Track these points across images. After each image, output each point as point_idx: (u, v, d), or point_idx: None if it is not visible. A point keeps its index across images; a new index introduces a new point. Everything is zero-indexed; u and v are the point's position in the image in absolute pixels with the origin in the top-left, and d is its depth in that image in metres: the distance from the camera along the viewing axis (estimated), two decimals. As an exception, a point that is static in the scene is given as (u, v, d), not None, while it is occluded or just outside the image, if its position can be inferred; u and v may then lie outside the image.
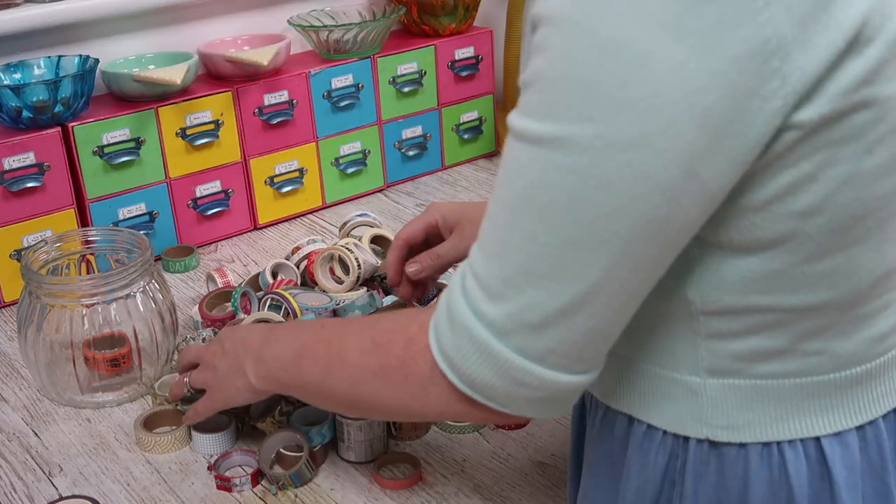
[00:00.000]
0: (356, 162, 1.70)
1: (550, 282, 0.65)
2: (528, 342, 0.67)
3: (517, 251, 0.65)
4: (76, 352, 1.14)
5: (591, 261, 0.63)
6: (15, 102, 1.35)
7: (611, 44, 0.58)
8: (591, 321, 0.66)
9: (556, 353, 0.67)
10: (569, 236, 0.63)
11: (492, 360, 0.68)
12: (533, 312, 0.66)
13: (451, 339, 0.70)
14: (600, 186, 0.61)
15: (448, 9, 1.73)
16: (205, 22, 1.64)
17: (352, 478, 1.02)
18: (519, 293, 0.66)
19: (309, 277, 1.30)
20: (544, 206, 0.63)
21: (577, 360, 0.68)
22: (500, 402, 0.70)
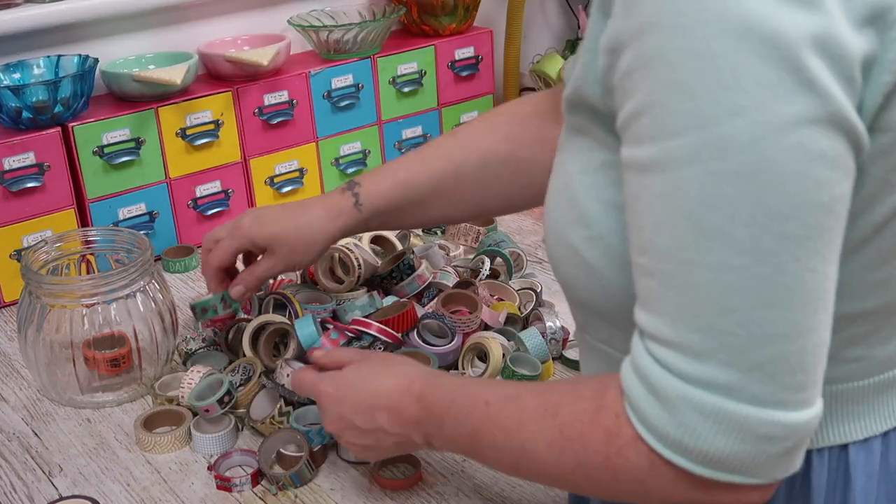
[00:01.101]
0: (356, 162, 1.70)
1: (761, 309, 0.57)
2: (761, 387, 0.59)
3: (706, 292, 0.58)
4: (76, 352, 1.14)
5: (798, 266, 0.57)
6: (15, 103, 1.35)
7: (738, 27, 0.54)
8: (816, 334, 0.59)
9: (793, 388, 0.59)
10: (763, 248, 0.56)
11: (730, 425, 0.59)
12: (756, 351, 0.58)
13: (670, 420, 0.61)
14: (775, 180, 0.55)
15: (448, 9, 1.73)
16: (205, 22, 1.64)
17: (352, 478, 1.02)
18: (730, 336, 0.58)
19: (309, 277, 1.30)
20: (720, 227, 0.56)
21: (813, 386, 0.60)
22: (747, 470, 0.61)
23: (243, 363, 1.13)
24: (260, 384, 1.09)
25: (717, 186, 0.56)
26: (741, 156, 0.55)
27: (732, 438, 0.60)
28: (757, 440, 0.60)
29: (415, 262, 1.26)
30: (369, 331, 1.13)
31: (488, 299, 1.26)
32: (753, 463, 0.61)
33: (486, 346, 1.13)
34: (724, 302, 0.58)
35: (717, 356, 0.58)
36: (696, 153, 0.56)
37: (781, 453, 0.61)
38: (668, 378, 0.60)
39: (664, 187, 0.58)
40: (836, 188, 0.57)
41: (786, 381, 0.59)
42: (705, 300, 0.58)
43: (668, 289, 0.60)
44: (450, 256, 1.39)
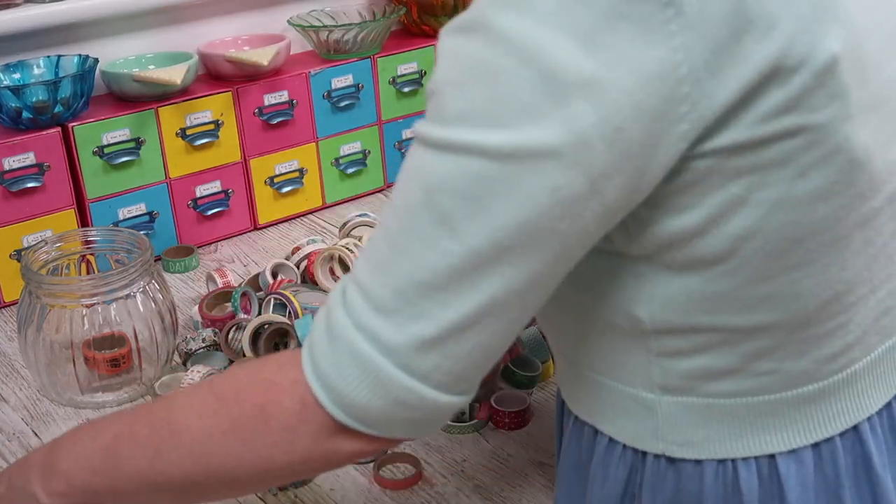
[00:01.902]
0: (356, 162, 1.70)
1: (447, 293, 0.62)
2: (415, 359, 0.63)
3: (412, 259, 0.62)
4: (76, 352, 1.14)
5: (491, 271, 0.61)
6: (15, 103, 1.35)
7: (526, 53, 0.58)
8: (484, 337, 0.63)
9: (441, 370, 0.64)
10: (471, 245, 0.61)
11: (374, 379, 0.64)
12: (425, 327, 0.62)
13: (329, 356, 0.65)
14: (507, 195, 0.60)
15: (448, 9, 1.73)
16: (205, 22, 1.64)
17: (352, 478, 1.02)
18: (411, 305, 0.62)
19: (309, 277, 1.30)
20: (447, 212, 0.61)
21: (459, 379, 0.65)
22: (374, 424, 0.66)
23: (243, 363, 1.13)
24: (260, 384, 1.09)
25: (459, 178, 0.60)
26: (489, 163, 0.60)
27: (372, 392, 0.64)
28: (393, 402, 0.64)
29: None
30: None
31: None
32: (382, 420, 0.65)
33: None
34: (421, 275, 0.62)
35: (395, 319, 0.63)
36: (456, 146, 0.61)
37: (410, 420, 0.66)
38: (342, 319, 0.64)
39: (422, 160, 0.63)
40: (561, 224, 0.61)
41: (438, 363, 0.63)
42: (407, 265, 0.62)
43: (384, 241, 0.64)
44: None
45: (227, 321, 1.21)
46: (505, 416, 1.08)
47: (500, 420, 1.08)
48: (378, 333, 0.63)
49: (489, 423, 1.09)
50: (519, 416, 1.08)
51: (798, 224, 0.64)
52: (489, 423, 1.09)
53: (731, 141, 0.60)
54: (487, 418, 1.09)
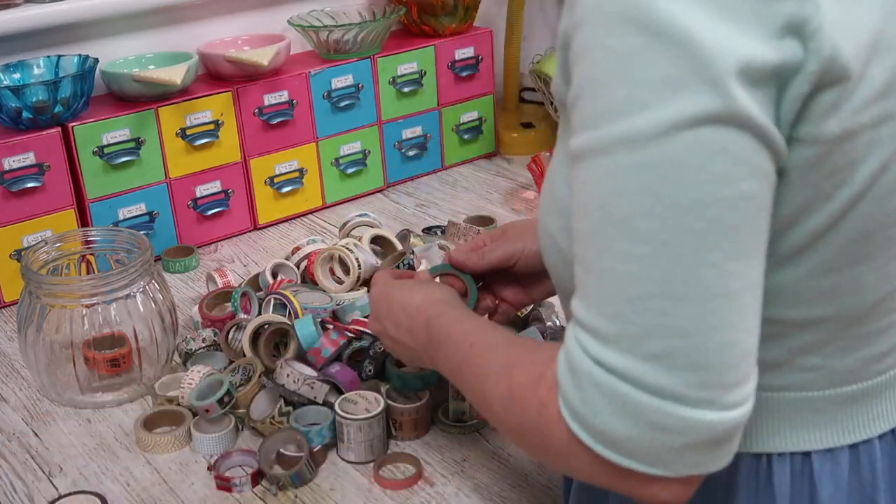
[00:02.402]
0: (356, 162, 1.70)
1: (660, 300, 0.59)
2: (658, 377, 0.59)
3: (613, 279, 0.60)
4: (76, 352, 1.14)
5: (696, 260, 0.58)
6: (15, 103, 1.35)
7: (652, 27, 0.57)
8: (720, 334, 0.59)
9: (692, 384, 0.59)
10: (662, 241, 0.58)
11: (622, 407, 0.60)
12: (653, 342, 0.59)
13: (577, 395, 0.62)
14: (677, 173, 0.57)
15: (448, 9, 1.73)
16: (205, 22, 1.64)
17: (352, 478, 1.02)
18: (630, 325, 0.59)
19: (309, 277, 1.30)
20: (626, 217, 0.58)
21: (719, 387, 0.60)
22: (644, 458, 0.61)
23: (243, 363, 1.13)
24: (260, 384, 1.09)
25: (624, 178, 0.58)
26: (644, 149, 0.57)
27: (626, 421, 0.61)
28: (649, 427, 0.60)
29: (415, 262, 1.26)
30: (369, 331, 1.13)
31: (488, 299, 1.26)
32: (650, 451, 0.61)
33: None
34: (627, 290, 0.59)
35: (620, 342, 0.60)
36: (609, 145, 0.59)
37: (680, 447, 0.61)
38: (581, 357, 0.62)
39: (584, 176, 0.61)
40: (743, 185, 0.58)
41: (683, 376, 0.59)
42: (612, 287, 0.60)
43: (587, 274, 0.62)
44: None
45: (227, 321, 1.21)
46: (505, 416, 1.08)
47: (500, 420, 1.08)
48: (612, 361, 0.60)
49: (489, 423, 1.09)
50: (519, 416, 1.08)
51: (871, 218, 0.63)
52: (489, 423, 1.09)
53: (838, 128, 0.59)
54: (487, 418, 1.09)
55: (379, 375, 1.11)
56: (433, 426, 1.09)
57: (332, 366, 1.10)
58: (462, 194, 1.73)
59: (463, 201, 1.70)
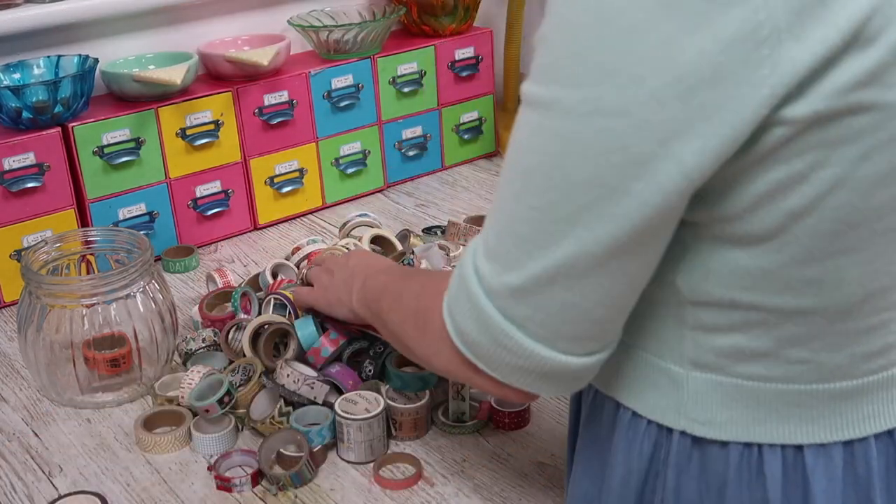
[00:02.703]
0: (356, 162, 1.70)
1: (531, 246, 0.66)
2: (509, 304, 0.68)
3: (508, 211, 0.67)
4: (76, 352, 1.14)
5: (568, 229, 0.64)
6: (15, 103, 1.35)
7: (606, 11, 0.59)
8: (568, 294, 0.66)
9: (534, 321, 0.68)
10: (549, 201, 0.64)
11: (477, 315, 0.70)
12: (516, 274, 0.67)
13: (454, 291, 0.72)
14: (579, 152, 0.62)
15: (448, 9, 1.73)
16: (205, 22, 1.64)
17: (352, 478, 1.02)
18: (506, 253, 0.67)
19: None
20: (530, 169, 0.65)
21: (557, 335, 0.68)
22: (487, 363, 0.71)
23: (243, 363, 1.13)
24: (260, 384, 1.09)
25: (539, 135, 0.64)
26: (564, 121, 0.62)
27: (477, 328, 0.70)
28: (495, 342, 0.70)
29: (415, 262, 1.26)
30: (369, 331, 1.13)
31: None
32: (492, 360, 0.71)
33: None
34: (514, 227, 0.66)
35: (495, 263, 0.68)
36: (539, 104, 0.63)
37: (520, 369, 0.70)
38: (467, 260, 0.71)
39: (519, 118, 0.66)
40: (635, 184, 0.62)
41: (530, 313, 0.67)
42: (505, 216, 0.67)
43: (496, 194, 0.69)
44: (450, 256, 1.39)
45: (227, 321, 1.21)
46: (505, 416, 1.08)
47: (500, 420, 1.08)
48: (484, 274, 0.69)
49: (489, 423, 1.09)
50: (519, 416, 1.08)
51: (853, 208, 0.63)
52: (489, 423, 1.09)
53: (809, 110, 0.59)
54: (487, 418, 1.09)
55: (379, 375, 1.11)
56: (433, 426, 1.09)
57: (332, 366, 1.10)
58: (462, 194, 1.73)
59: (463, 201, 1.70)
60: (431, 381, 1.09)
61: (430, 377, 1.08)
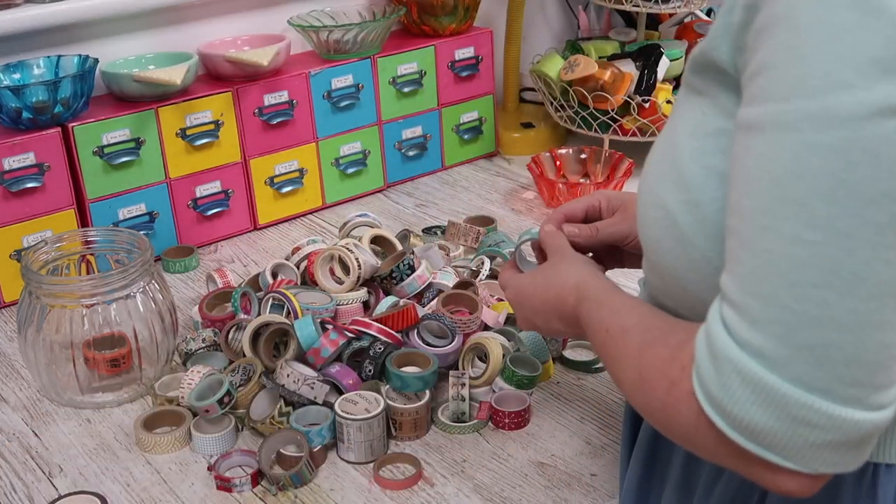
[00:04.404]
0: (356, 162, 1.70)
1: (824, 289, 0.56)
2: (808, 370, 0.57)
3: (776, 260, 0.57)
4: (76, 352, 1.14)
5: (871, 254, 0.55)
6: (15, 103, 1.35)
7: (871, 3, 0.54)
8: (881, 333, 0.57)
9: (843, 380, 0.57)
10: (839, 229, 0.55)
11: (765, 397, 0.59)
12: (809, 332, 0.57)
13: (715, 378, 0.61)
14: (868, 161, 0.54)
15: (448, 9, 1.73)
16: (205, 22, 1.64)
17: (352, 478, 1.02)
18: (786, 311, 0.57)
19: (309, 278, 1.30)
20: (804, 198, 0.56)
21: (870, 387, 0.58)
22: (781, 450, 0.60)
23: (243, 363, 1.13)
24: (260, 384, 1.09)
25: (807, 157, 0.55)
26: (838, 131, 0.55)
27: (768, 412, 0.59)
28: (793, 421, 0.58)
29: (415, 262, 1.26)
30: (369, 331, 1.13)
31: (488, 300, 1.26)
32: (789, 445, 0.59)
33: (486, 346, 1.13)
34: (790, 275, 0.57)
35: (772, 327, 0.58)
36: (797, 121, 0.56)
37: (822, 444, 0.59)
38: (724, 337, 0.60)
39: (760, 149, 0.58)
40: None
41: (836, 371, 0.57)
42: (772, 269, 0.58)
43: (744, 251, 0.59)
44: (450, 257, 1.39)
45: (227, 321, 1.21)
46: (505, 416, 1.08)
47: (500, 420, 1.08)
48: (760, 347, 0.58)
49: (489, 423, 1.09)
50: (519, 416, 1.08)
51: None
52: (489, 423, 1.09)
53: None
54: (487, 418, 1.09)
55: (379, 375, 1.11)
56: (433, 426, 1.09)
57: (332, 366, 1.11)
58: (462, 194, 1.73)
59: (463, 201, 1.70)
60: (431, 382, 1.09)
61: (430, 377, 1.08)
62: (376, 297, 1.25)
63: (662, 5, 1.76)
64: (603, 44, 1.87)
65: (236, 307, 1.23)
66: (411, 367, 1.11)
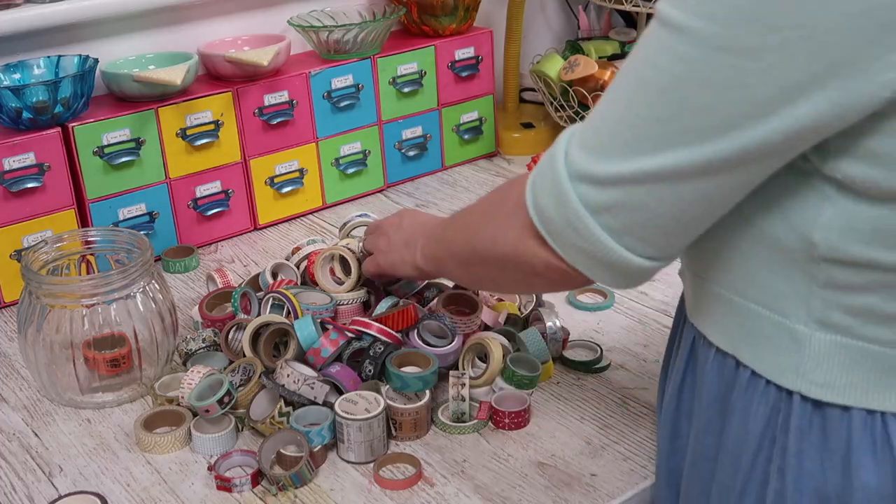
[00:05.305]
0: (356, 162, 1.70)
1: (627, 149, 0.69)
2: (589, 192, 0.72)
3: (613, 112, 0.71)
4: (76, 352, 1.14)
5: (667, 145, 0.67)
6: (15, 103, 1.35)
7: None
8: (648, 199, 0.69)
9: (609, 213, 0.71)
10: (657, 116, 0.67)
11: (558, 194, 0.74)
12: (604, 168, 0.70)
13: (541, 167, 0.77)
14: (701, 81, 0.64)
15: (448, 9, 1.73)
16: (205, 22, 1.64)
17: (352, 478, 1.02)
18: (601, 147, 0.71)
19: (309, 278, 1.30)
20: (647, 81, 0.67)
21: (625, 231, 0.72)
22: (556, 239, 0.76)
23: (243, 363, 1.13)
24: (260, 384, 1.09)
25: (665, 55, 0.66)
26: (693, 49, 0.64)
27: (553, 203, 0.75)
28: (566, 221, 0.74)
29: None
30: (369, 331, 1.13)
31: (488, 300, 1.26)
32: (561, 238, 0.75)
33: (487, 346, 1.13)
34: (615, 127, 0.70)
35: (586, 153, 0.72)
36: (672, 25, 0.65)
37: (586, 253, 0.74)
38: (562, 140, 0.75)
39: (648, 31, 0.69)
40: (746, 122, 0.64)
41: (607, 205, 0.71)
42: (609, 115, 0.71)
43: (607, 92, 0.72)
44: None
45: (227, 321, 1.21)
46: (505, 416, 1.08)
47: (500, 420, 1.08)
48: (573, 159, 0.73)
49: (489, 423, 1.09)
50: (519, 416, 1.08)
51: None
52: (489, 423, 1.09)
53: None
54: (487, 418, 1.09)
55: (379, 375, 1.11)
56: (433, 426, 1.09)
57: (332, 366, 1.10)
58: (462, 194, 1.73)
59: (463, 201, 1.70)
60: (431, 382, 1.09)
61: (430, 377, 1.08)
62: (376, 297, 1.25)
63: (662, 5, 1.76)
64: (603, 44, 1.87)
65: (236, 307, 1.23)
66: (411, 367, 1.11)
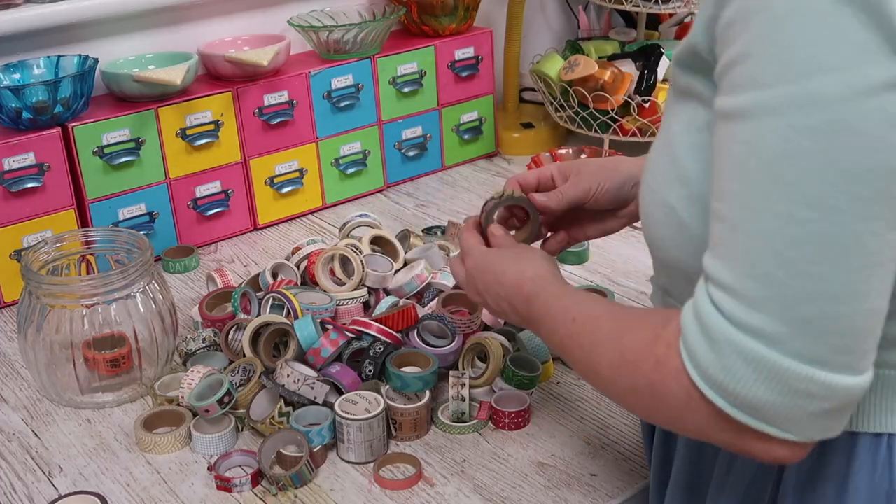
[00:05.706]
0: (356, 162, 1.70)
1: (818, 264, 0.59)
2: (806, 343, 0.60)
3: (770, 240, 0.60)
4: (76, 352, 1.14)
5: (861, 227, 0.58)
6: (15, 103, 1.35)
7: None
8: (870, 301, 0.60)
9: (839, 349, 0.60)
10: (830, 205, 0.58)
11: (769, 375, 0.61)
12: (806, 307, 0.60)
13: (715, 360, 0.63)
14: (853, 140, 0.57)
15: (448, 9, 1.73)
16: (205, 22, 1.64)
17: (352, 478, 1.02)
18: (783, 288, 0.60)
19: (309, 278, 1.30)
20: (795, 178, 0.58)
21: (860, 353, 0.61)
22: (781, 422, 0.63)
23: (243, 363, 1.13)
24: (260, 384, 1.09)
25: (796, 140, 0.58)
26: (824, 113, 0.57)
27: (771, 388, 0.61)
28: (794, 394, 0.61)
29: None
30: (369, 331, 1.13)
31: (488, 299, 1.26)
32: (789, 417, 0.62)
33: (487, 346, 1.13)
34: (785, 253, 0.59)
35: (768, 306, 0.60)
36: (782, 105, 0.58)
37: (819, 413, 0.62)
38: (719, 321, 0.62)
39: (746, 135, 0.60)
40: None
41: (831, 342, 0.60)
42: (766, 249, 0.60)
43: (735, 233, 0.62)
44: (450, 257, 1.39)
45: (227, 321, 1.21)
46: (505, 416, 1.08)
47: (500, 420, 1.08)
48: (759, 327, 0.61)
49: (489, 423, 1.09)
50: (519, 416, 1.08)
51: None
52: (489, 423, 1.09)
53: None
54: (487, 418, 1.09)
55: (379, 375, 1.11)
56: (433, 426, 1.09)
57: (332, 366, 1.11)
58: (462, 194, 1.73)
59: (463, 201, 1.70)
60: (431, 382, 1.09)
61: (430, 377, 1.08)
62: (376, 297, 1.25)
63: (662, 5, 1.76)
64: (603, 44, 1.87)
65: (236, 307, 1.23)
66: (411, 367, 1.11)
